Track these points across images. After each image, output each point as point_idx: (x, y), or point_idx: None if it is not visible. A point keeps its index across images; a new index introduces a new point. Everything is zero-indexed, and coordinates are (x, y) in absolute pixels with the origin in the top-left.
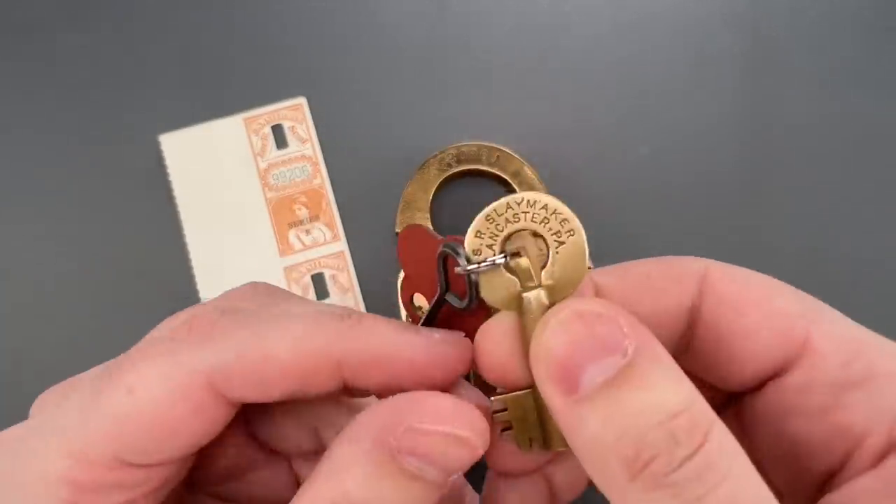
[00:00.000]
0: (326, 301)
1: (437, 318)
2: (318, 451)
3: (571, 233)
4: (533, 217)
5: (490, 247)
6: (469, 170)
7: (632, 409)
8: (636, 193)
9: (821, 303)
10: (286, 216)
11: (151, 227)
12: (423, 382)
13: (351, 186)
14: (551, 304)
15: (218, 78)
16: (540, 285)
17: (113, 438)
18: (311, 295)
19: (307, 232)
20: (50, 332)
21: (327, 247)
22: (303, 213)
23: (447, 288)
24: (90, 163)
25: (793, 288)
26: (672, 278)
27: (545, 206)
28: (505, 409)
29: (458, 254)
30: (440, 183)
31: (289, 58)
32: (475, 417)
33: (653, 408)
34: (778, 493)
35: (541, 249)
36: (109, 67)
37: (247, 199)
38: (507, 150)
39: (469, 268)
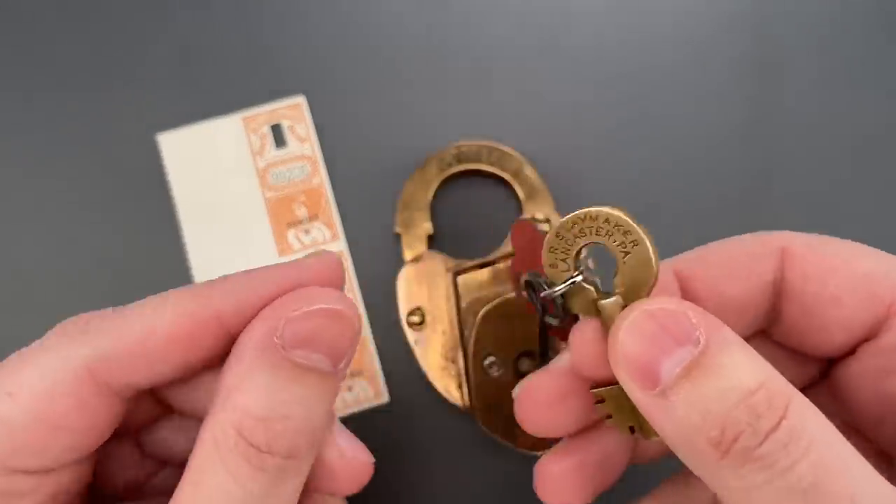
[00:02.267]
0: None
1: (547, 338)
2: None
3: (635, 243)
4: (597, 231)
5: (564, 260)
6: (469, 169)
7: (711, 393)
8: (636, 194)
9: None
10: (285, 216)
11: (149, 227)
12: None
13: (350, 186)
14: (624, 307)
15: (216, 77)
16: (615, 293)
17: None
18: None
19: (306, 231)
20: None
21: (326, 246)
22: (302, 212)
23: (543, 312)
24: (88, 162)
25: (874, 249)
26: (753, 256)
27: (607, 220)
28: (603, 401)
29: (539, 283)
30: (440, 182)
31: (287, 57)
32: (341, 295)
33: (731, 389)
34: (884, 455)
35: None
36: (107, 66)
37: (245, 199)
38: (507, 150)
39: (549, 293)
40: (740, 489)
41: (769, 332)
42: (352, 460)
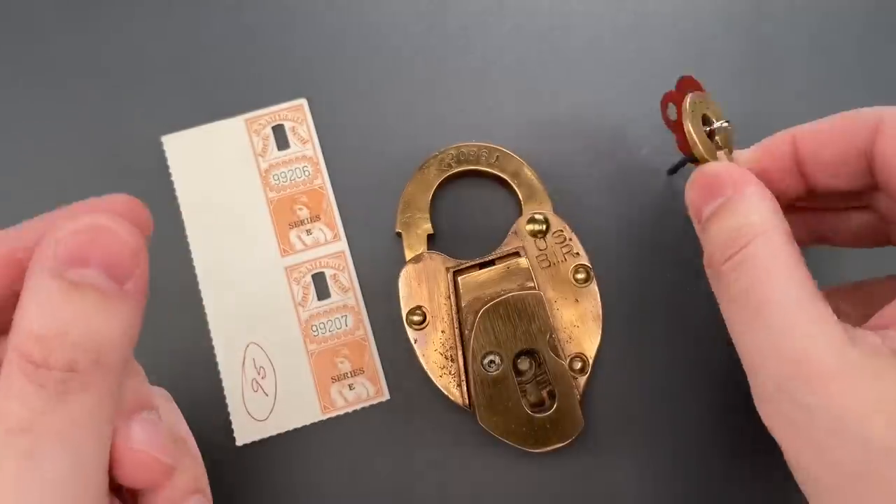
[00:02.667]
0: (327, 301)
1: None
2: None
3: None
4: (707, 105)
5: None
6: (469, 170)
7: (723, 228)
8: (636, 194)
9: None
10: (287, 216)
11: (154, 228)
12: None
13: (351, 187)
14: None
15: (219, 79)
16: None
17: None
18: (312, 294)
19: (308, 232)
20: None
21: (328, 247)
22: (304, 213)
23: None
24: (93, 164)
25: None
26: (847, 128)
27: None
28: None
29: (708, 118)
30: (440, 183)
31: (289, 59)
32: (112, 212)
33: (732, 226)
34: None
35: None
36: (112, 69)
37: (248, 200)
38: (507, 150)
39: (719, 126)
40: (720, 300)
41: (870, 195)
42: (137, 452)
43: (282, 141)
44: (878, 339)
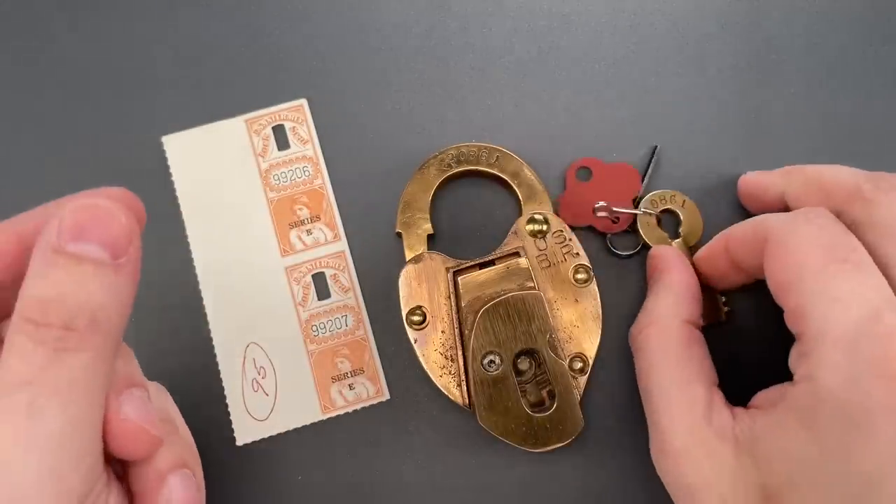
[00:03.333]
0: (327, 301)
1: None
2: None
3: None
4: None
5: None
6: (469, 170)
7: (644, 305)
8: None
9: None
10: (287, 216)
11: (154, 228)
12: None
13: (351, 187)
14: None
15: (220, 80)
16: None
17: None
18: (313, 294)
19: (308, 232)
20: None
21: (328, 247)
22: (304, 213)
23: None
24: (93, 164)
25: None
26: (749, 239)
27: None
28: None
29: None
30: (440, 183)
31: (290, 59)
32: (108, 196)
33: (646, 305)
34: None
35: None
36: (112, 69)
37: (248, 200)
38: (506, 151)
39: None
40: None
41: None
42: (126, 422)
43: (282, 141)
44: (730, 421)
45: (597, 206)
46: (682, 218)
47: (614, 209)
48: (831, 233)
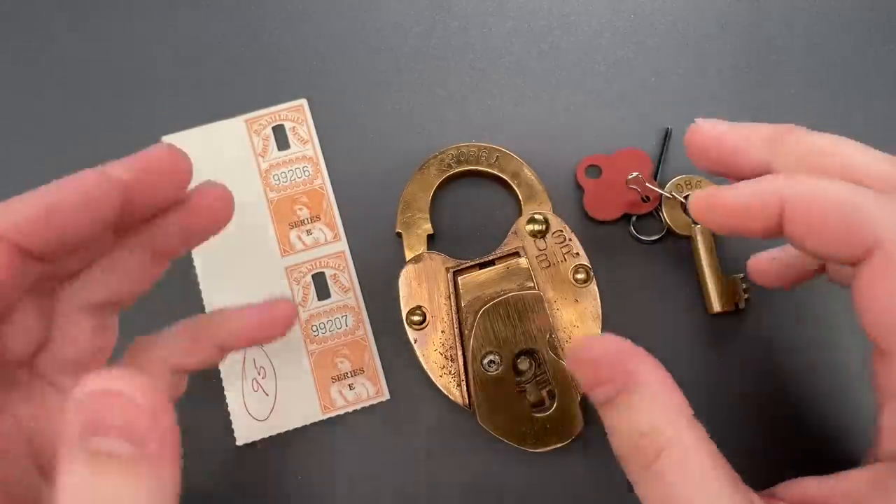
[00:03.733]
0: (327, 301)
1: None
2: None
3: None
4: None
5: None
6: (469, 170)
7: (624, 429)
8: None
9: None
10: (287, 216)
11: None
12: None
13: (351, 187)
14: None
15: (220, 80)
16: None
17: None
18: (313, 294)
19: (308, 232)
20: None
21: (328, 247)
22: (304, 213)
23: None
24: (93, 164)
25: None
26: (758, 205)
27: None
28: None
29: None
30: (440, 183)
31: (290, 60)
32: (123, 373)
33: (636, 428)
34: None
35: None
36: (112, 69)
37: (248, 200)
38: (506, 151)
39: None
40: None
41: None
42: (208, 194)
43: (282, 141)
44: None
45: (630, 177)
46: None
47: (647, 184)
48: None
